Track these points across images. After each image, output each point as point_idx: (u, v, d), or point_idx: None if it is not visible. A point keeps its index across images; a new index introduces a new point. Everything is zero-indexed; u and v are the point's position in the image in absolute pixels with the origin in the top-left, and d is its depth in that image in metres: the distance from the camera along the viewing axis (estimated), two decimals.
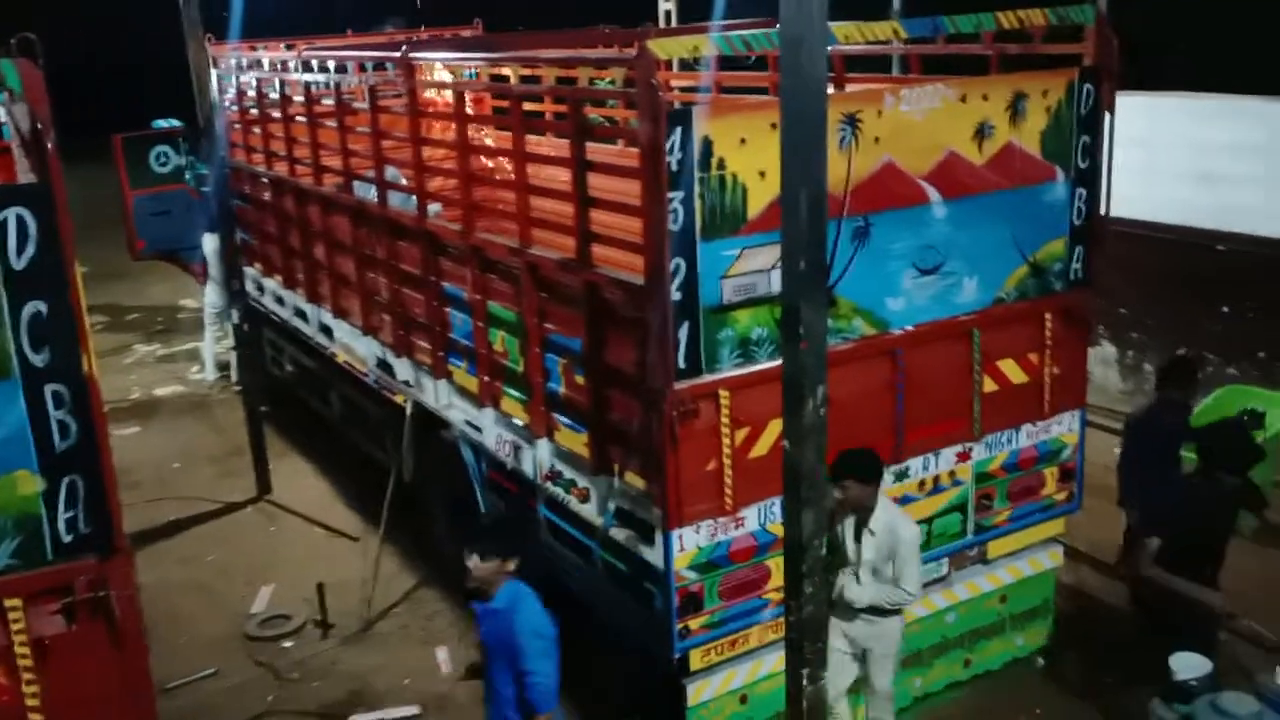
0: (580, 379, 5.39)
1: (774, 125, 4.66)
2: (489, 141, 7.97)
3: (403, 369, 7.43)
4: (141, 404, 11.78)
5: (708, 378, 4.83)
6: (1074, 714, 5.84)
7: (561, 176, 5.36)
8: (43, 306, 3.19)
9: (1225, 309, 9.27)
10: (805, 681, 3.57)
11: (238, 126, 10.16)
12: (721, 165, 4.65)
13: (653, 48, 4.46)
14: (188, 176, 11.84)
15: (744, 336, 4.90)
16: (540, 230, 5.65)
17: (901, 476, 5.52)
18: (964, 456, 5.69)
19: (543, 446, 5.81)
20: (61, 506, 3.36)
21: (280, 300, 9.83)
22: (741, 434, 5.00)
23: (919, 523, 5.59)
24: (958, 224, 5.35)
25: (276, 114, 9.00)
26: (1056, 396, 5.88)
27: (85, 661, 3.42)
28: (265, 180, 9.59)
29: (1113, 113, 5.62)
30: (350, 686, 6.47)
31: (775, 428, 5.07)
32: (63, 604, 3.39)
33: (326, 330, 8.77)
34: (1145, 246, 9.35)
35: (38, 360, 3.23)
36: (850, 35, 5.23)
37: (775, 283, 4.90)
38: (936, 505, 5.67)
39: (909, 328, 5.34)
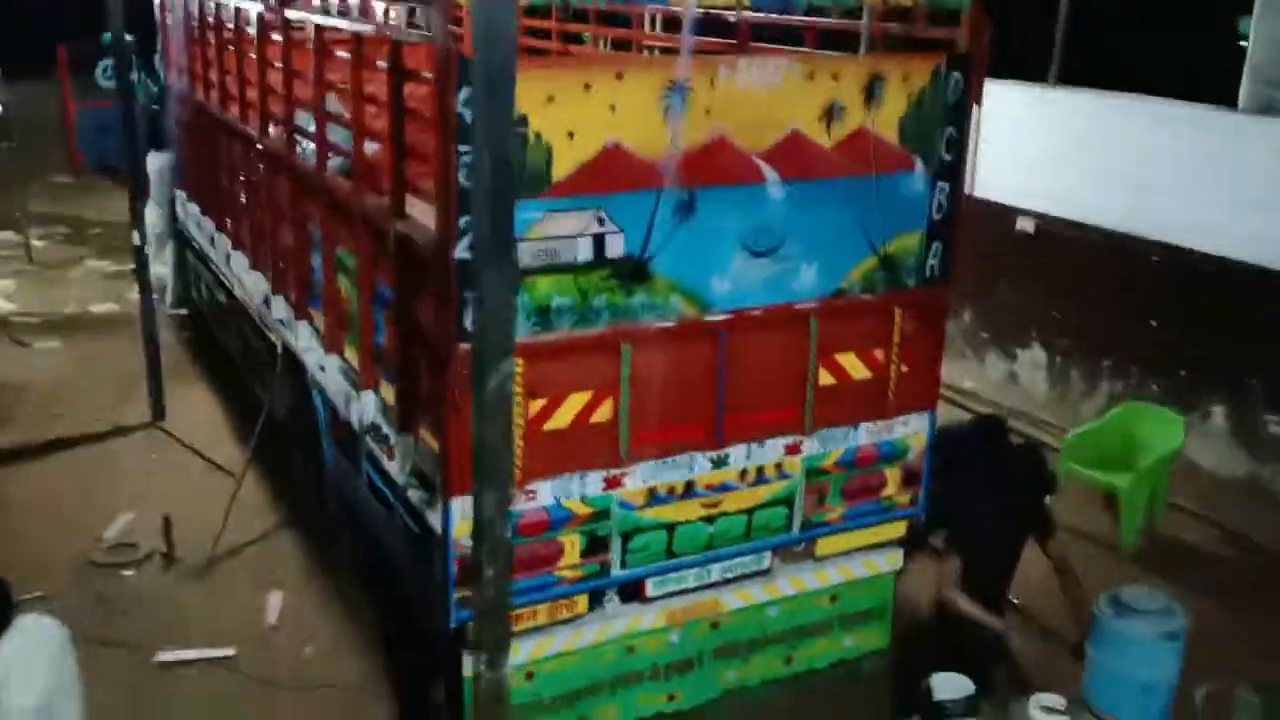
0: (392, 332, 5.23)
1: (588, 87, 4.49)
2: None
3: (278, 307, 7.30)
4: (72, 319, 11.72)
5: None
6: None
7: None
8: None
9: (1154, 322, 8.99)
10: (483, 668, 3.41)
11: (173, 45, 10.01)
12: (523, 123, 4.44)
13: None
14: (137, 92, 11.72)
15: (543, 304, 4.71)
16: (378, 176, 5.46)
17: (720, 464, 5.32)
18: (793, 449, 5.49)
19: (367, 398, 5.66)
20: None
21: (199, 226, 9.72)
22: (537, 404, 4.83)
23: (740, 512, 5.43)
24: (798, 208, 5.11)
25: (195, 34, 8.84)
26: (903, 396, 5.65)
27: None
28: (189, 103, 9.44)
29: (980, 104, 5.35)
30: (173, 622, 6.38)
31: (577, 401, 4.92)
32: None
33: (228, 260, 8.64)
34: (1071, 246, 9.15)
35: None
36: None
37: (582, 250, 4.73)
38: (759, 497, 5.47)
39: (735, 311, 5.13)
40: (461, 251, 4.44)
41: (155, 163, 11.11)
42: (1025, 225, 9.73)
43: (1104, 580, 6.52)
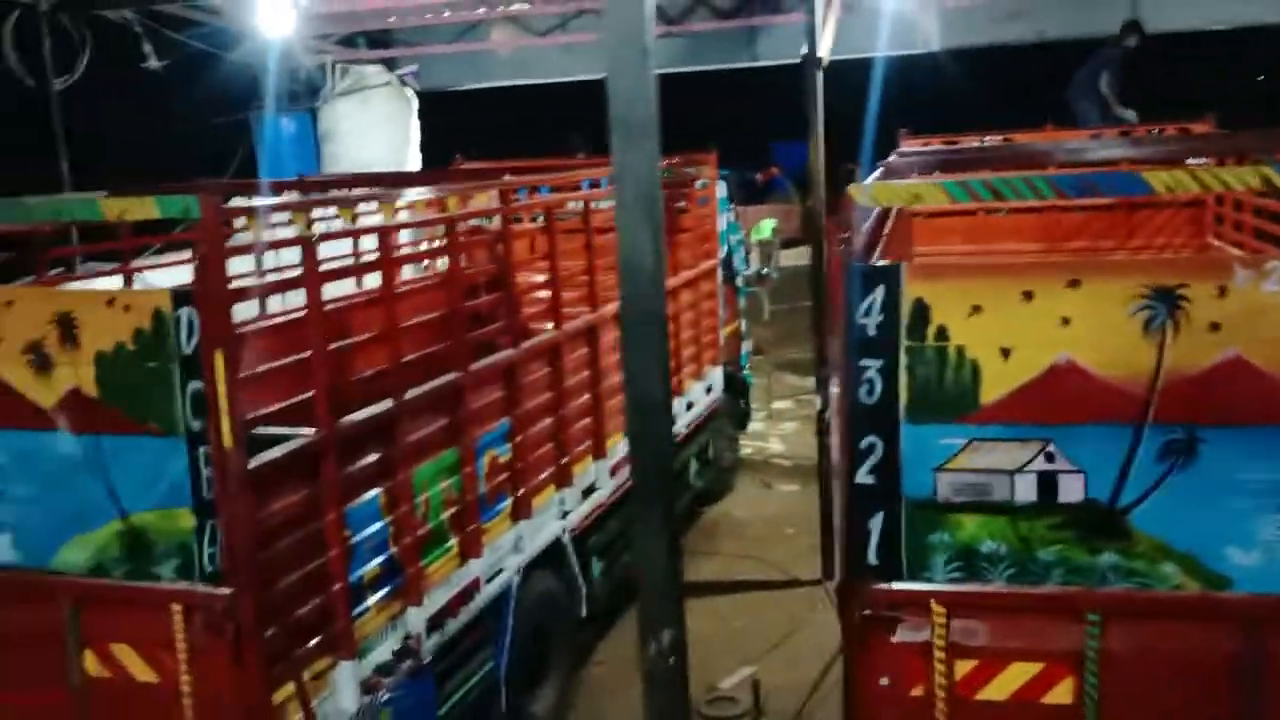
0: None
1: (1029, 295, 3.75)
2: None
3: None
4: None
5: (912, 585, 3.99)
6: None
7: None
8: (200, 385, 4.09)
9: None
10: None
11: None
12: (942, 336, 3.80)
13: (854, 193, 3.85)
14: None
15: (968, 546, 3.93)
16: None
17: None
18: None
19: None
20: (205, 543, 4.25)
21: None
22: (966, 666, 4.00)
23: None
24: None
25: None
26: None
27: (212, 668, 4.28)
28: None
29: None
30: None
31: (1021, 672, 3.99)
32: (197, 618, 4.28)
33: None
34: None
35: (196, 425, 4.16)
36: None
37: (1021, 489, 3.86)
38: None
39: (1269, 594, 3.70)
40: (863, 476, 3.94)
41: None
42: None
43: None
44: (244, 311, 5.16)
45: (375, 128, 13.05)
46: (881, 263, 3.89)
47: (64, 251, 6.67)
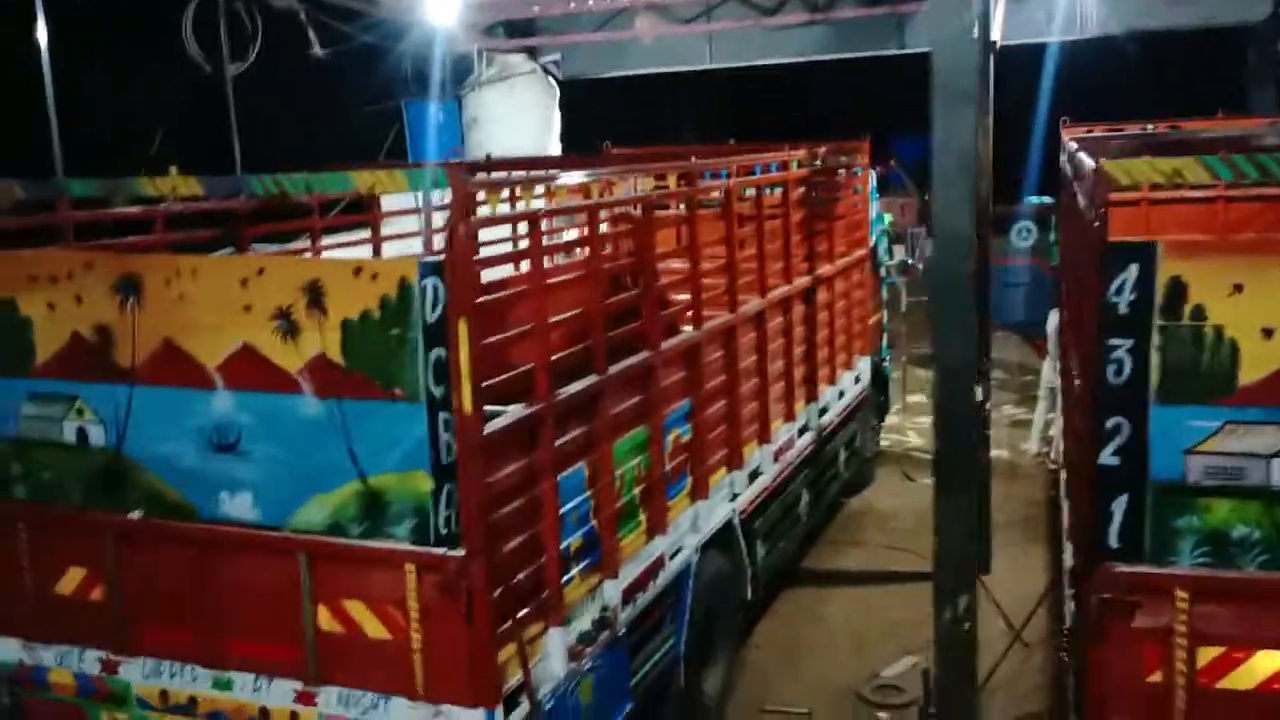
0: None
1: None
2: None
3: None
4: None
5: (1154, 568, 3.92)
6: None
7: None
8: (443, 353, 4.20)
9: None
10: None
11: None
12: (1199, 315, 3.73)
13: (1112, 171, 3.79)
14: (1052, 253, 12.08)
15: (1218, 531, 3.86)
16: None
17: None
18: None
19: None
20: (442, 506, 4.36)
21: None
22: (1208, 654, 3.93)
23: None
24: None
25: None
26: None
27: (443, 627, 4.40)
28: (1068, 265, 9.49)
29: None
30: None
31: (1268, 661, 3.90)
32: (431, 578, 4.40)
33: None
34: None
35: (437, 392, 4.28)
36: None
37: (1278, 473, 3.77)
38: None
39: None
40: (1107, 457, 3.89)
41: (1053, 321, 11.36)
42: None
43: None
44: None
45: (520, 114, 13.24)
46: (1137, 239, 3.83)
47: (261, 229, 6.93)
